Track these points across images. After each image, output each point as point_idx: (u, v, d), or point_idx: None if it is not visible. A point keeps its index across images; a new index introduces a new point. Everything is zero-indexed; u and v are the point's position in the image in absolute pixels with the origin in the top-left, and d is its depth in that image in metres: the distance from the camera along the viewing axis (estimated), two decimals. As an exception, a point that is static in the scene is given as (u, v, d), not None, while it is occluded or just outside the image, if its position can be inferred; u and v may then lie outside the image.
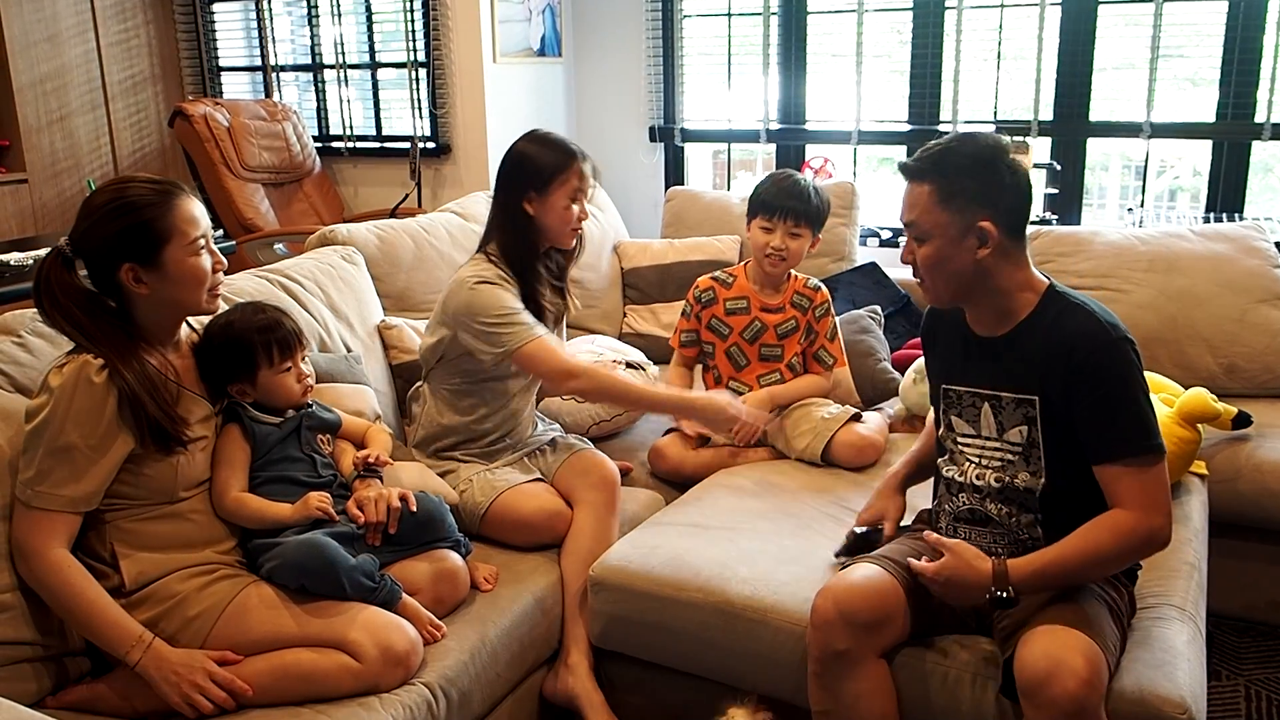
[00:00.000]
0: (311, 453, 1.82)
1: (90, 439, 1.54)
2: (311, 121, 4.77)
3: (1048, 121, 3.80)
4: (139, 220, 1.58)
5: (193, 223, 1.63)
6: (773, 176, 2.46)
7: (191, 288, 1.64)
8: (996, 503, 1.67)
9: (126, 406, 1.56)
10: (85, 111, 4.53)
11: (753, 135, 4.25)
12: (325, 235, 2.55)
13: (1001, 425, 1.65)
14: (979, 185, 1.57)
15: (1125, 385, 1.53)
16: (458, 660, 1.71)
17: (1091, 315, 1.57)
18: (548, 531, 2.04)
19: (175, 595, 1.62)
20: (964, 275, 1.61)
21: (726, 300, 2.47)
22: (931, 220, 1.59)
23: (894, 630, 1.63)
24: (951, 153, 1.60)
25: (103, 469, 1.57)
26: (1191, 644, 1.65)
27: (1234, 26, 3.47)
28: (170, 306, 1.66)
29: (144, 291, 1.60)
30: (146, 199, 1.59)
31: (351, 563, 1.67)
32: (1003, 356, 1.64)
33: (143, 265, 1.59)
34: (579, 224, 2.17)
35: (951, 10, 3.83)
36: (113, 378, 1.55)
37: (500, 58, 4.12)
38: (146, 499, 1.64)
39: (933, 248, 1.61)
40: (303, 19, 4.75)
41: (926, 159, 1.62)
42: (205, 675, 1.54)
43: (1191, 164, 4.24)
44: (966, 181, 1.58)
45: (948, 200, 1.58)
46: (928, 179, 1.60)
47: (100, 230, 1.58)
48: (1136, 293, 2.74)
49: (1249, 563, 2.37)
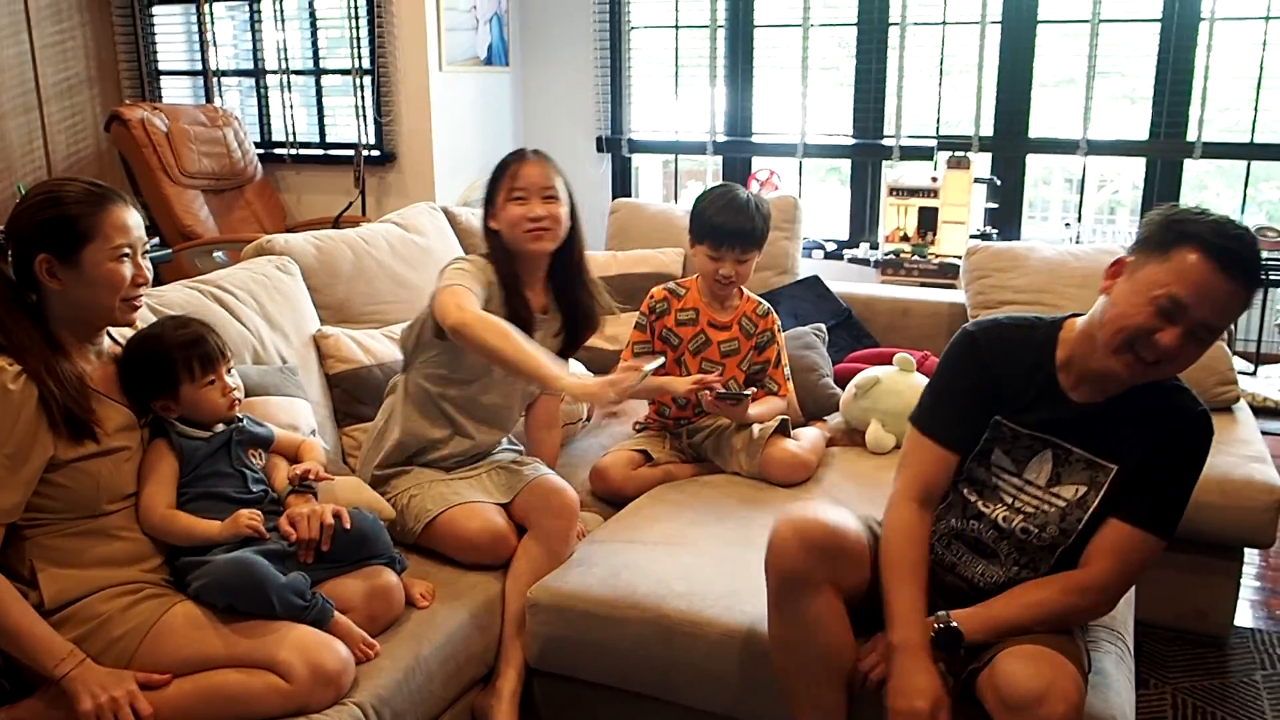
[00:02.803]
0: (242, 468, 1.79)
1: (7, 447, 1.51)
2: (254, 127, 4.70)
3: (988, 137, 3.87)
4: (63, 215, 1.58)
5: (120, 230, 1.61)
6: (713, 198, 2.40)
7: (104, 292, 1.61)
8: (1012, 548, 1.61)
9: (41, 408, 1.53)
10: (18, 114, 4.42)
11: (700, 147, 4.28)
12: (262, 245, 2.51)
13: (1058, 476, 1.58)
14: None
15: (1199, 469, 1.52)
16: (391, 679, 1.68)
17: (1180, 387, 1.54)
18: (489, 553, 2.01)
19: (99, 615, 1.57)
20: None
21: (678, 311, 2.48)
22: (1230, 325, 1.56)
23: (853, 570, 1.59)
24: (1257, 258, 1.45)
25: (23, 478, 1.53)
26: (1120, 665, 1.68)
27: (1166, 47, 3.57)
28: (81, 308, 1.63)
29: (56, 287, 1.59)
30: (77, 197, 1.60)
31: (282, 581, 1.63)
32: (1092, 420, 1.56)
33: (59, 259, 1.58)
34: (533, 224, 2.06)
35: (895, 26, 3.89)
36: (28, 381, 1.53)
37: (447, 66, 4.10)
38: (67, 512, 1.60)
39: (1205, 350, 1.47)
40: (245, 23, 4.69)
41: (1253, 263, 1.43)
42: (126, 696, 1.50)
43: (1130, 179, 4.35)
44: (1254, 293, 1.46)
45: (1245, 306, 1.46)
46: (1248, 288, 1.43)
47: (26, 219, 1.60)
48: (1069, 308, 2.73)
49: (1177, 573, 2.42)
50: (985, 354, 1.63)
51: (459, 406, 2.12)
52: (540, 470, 2.13)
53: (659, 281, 2.60)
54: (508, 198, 2.07)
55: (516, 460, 2.19)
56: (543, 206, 2.07)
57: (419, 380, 2.11)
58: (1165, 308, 1.42)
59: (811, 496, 2.26)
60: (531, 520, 2.02)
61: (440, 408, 2.11)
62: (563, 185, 2.11)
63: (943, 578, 1.67)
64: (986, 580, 1.64)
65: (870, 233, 4.16)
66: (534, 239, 2.07)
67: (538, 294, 2.16)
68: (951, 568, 1.67)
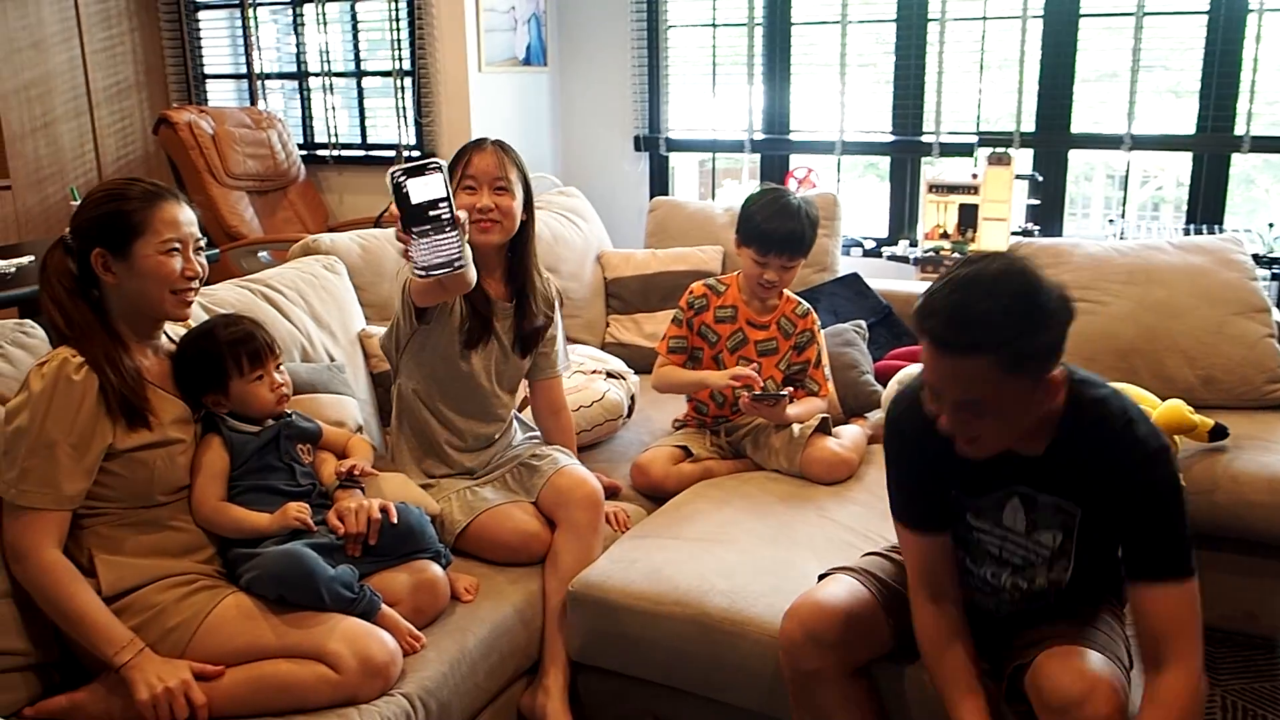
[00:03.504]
0: (291, 462, 1.83)
1: (71, 436, 1.56)
2: (296, 129, 4.77)
3: (1030, 133, 3.83)
4: (118, 209, 1.64)
5: (170, 224, 1.66)
6: (764, 203, 2.37)
7: (153, 284, 1.66)
8: (1013, 582, 1.56)
9: (101, 397, 1.59)
10: (70, 119, 4.52)
11: (737, 145, 4.27)
12: (308, 245, 2.55)
13: (1034, 524, 1.52)
14: (1045, 342, 1.34)
15: (1175, 503, 1.42)
16: (437, 671, 1.71)
17: (1128, 421, 1.42)
18: (525, 553, 2.03)
19: (154, 606, 1.62)
20: (1023, 424, 1.42)
21: (717, 307, 2.48)
22: (998, 392, 1.34)
23: (868, 643, 1.61)
24: (992, 311, 1.31)
25: (85, 466, 1.59)
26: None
27: (1214, 39, 3.51)
28: (134, 300, 1.68)
29: (110, 280, 1.65)
30: (132, 193, 1.66)
31: (330, 573, 1.67)
32: (1042, 468, 1.48)
33: (113, 253, 1.64)
34: (479, 215, 2.01)
35: (935, 22, 3.86)
36: (89, 371, 1.59)
37: (486, 67, 4.13)
38: (123, 501, 1.65)
39: (998, 422, 1.39)
40: (288, 27, 4.75)
41: (969, 328, 1.32)
42: (181, 686, 1.54)
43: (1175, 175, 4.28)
44: (1030, 344, 1.33)
45: (1015, 367, 1.33)
46: (983, 351, 1.32)
47: (85, 214, 1.67)
48: (1115, 304, 2.76)
49: (1226, 574, 2.39)
50: (910, 438, 1.56)
51: (446, 400, 2.12)
52: (560, 462, 2.13)
53: (698, 279, 2.60)
54: (459, 186, 2.04)
55: (536, 453, 2.19)
56: (491, 198, 2.03)
57: (408, 384, 2.13)
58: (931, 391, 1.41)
59: (853, 495, 2.25)
60: (559, 516, 2.04)
61: (433, 409, 2.12)
62: (519, 178, 2.07)
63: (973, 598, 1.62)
64: (995, 606, 1.59)
65: (909, 230, 4.14)
66: (480, 230, 2.03)
67: (496, 283, 2.14)
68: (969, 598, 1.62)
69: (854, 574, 1.66)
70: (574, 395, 2.55)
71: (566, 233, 3.35)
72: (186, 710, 1.54)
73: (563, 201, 3.55)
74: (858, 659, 1.60)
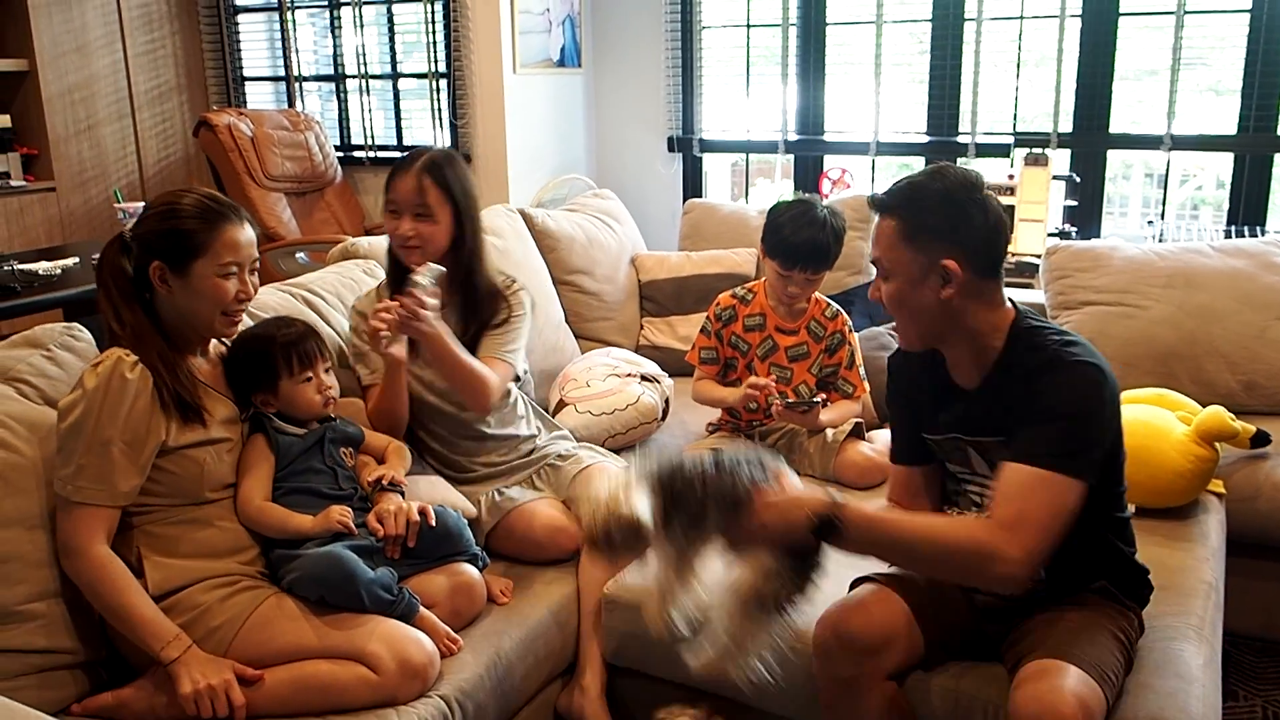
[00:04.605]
0: (334, 465, 1.85)
1: (126, 434, 1.60)
2: (333, 131, 4.82)
3: (1067, 133, 3.79)
4: (181, 228, 1.68)
5: (231, 248, 1.70)
6: (791, 215, 2.36)
7: (207, 304, 1.70)
8: None
9: (155, 394, 1.63)
10: (112, 121, 4.60)
11: (771, 146, 4.26)
12: (347, 249, 2.58)
13: (993, 463, 1.57)
14: (946, 223, 1.51)
15: (1072, 400, 1.45)
16: (474, 673, 1.73)
17: (1065, 343, 1.50)
18: (554, 548, 2.05)
19: (198, 606, 1.65)
20: (929, 315, 1.55)
21: (745, 316, 2.48)
22: (895, 257, 1.54)
23: (900, 650, 1.60)
24: (921, 187, 1.54)
25: (139, 464, 1.62)
26: (1208, 667, 1.64)
27: (1256, 37, 3.45)
28: (185, 315, 1.72)
29: (165, 293, 1.69)
30: (193, 213, 1.69)
31: (371, 576, 1.69)
32: (984, 404, 1.57)
33: (171, 269, 1.68)
34: (399, 241, 2.01)
35: (971, 21, 3.84)
36: (144, 370, 1.62)
37: (520, 68, 4.16)
38: (173, 498, 1.68)
39: (895, 286, 1.55)
40: (325, 29, 4.80)
41: (895, 192, 1.56)
42: (223, 685, 1.57)
43: (1215, 174, 4.22)
44: (932, 218, 1.52)
45: (912, 237, 1.52)
46: (894, 214, 1.55)
47: (148, 225, 1.70)
48: (1155, 309, 2.73)
49: (1267, 582, 2.36)
50: (898, 377, 1.75)
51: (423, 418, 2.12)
52: (585, 461, 2.16)
53: (732, 282, 2.60)
54: (385, 207, 2.03)
55: (562, 453, 2.21)
56: (410, 224, 1.99)
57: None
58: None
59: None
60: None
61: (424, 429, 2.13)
62: (444, 200, 2.00)
63: (974, 597, 1.67)
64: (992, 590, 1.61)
65: (944, 231, 4.12)
66: (405, 254, 2.02)
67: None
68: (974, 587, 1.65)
69: (885, 580, 1.67)
70: (609, 399, 2.56)
71: (601, 236, 3.37)
72: (227, 708, 1.57)
73: (597, 204, 3.56)
74: (891, 665, 1.60)
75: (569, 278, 3.21)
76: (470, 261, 2.07)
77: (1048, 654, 1.45)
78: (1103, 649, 1.49)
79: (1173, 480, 2.10)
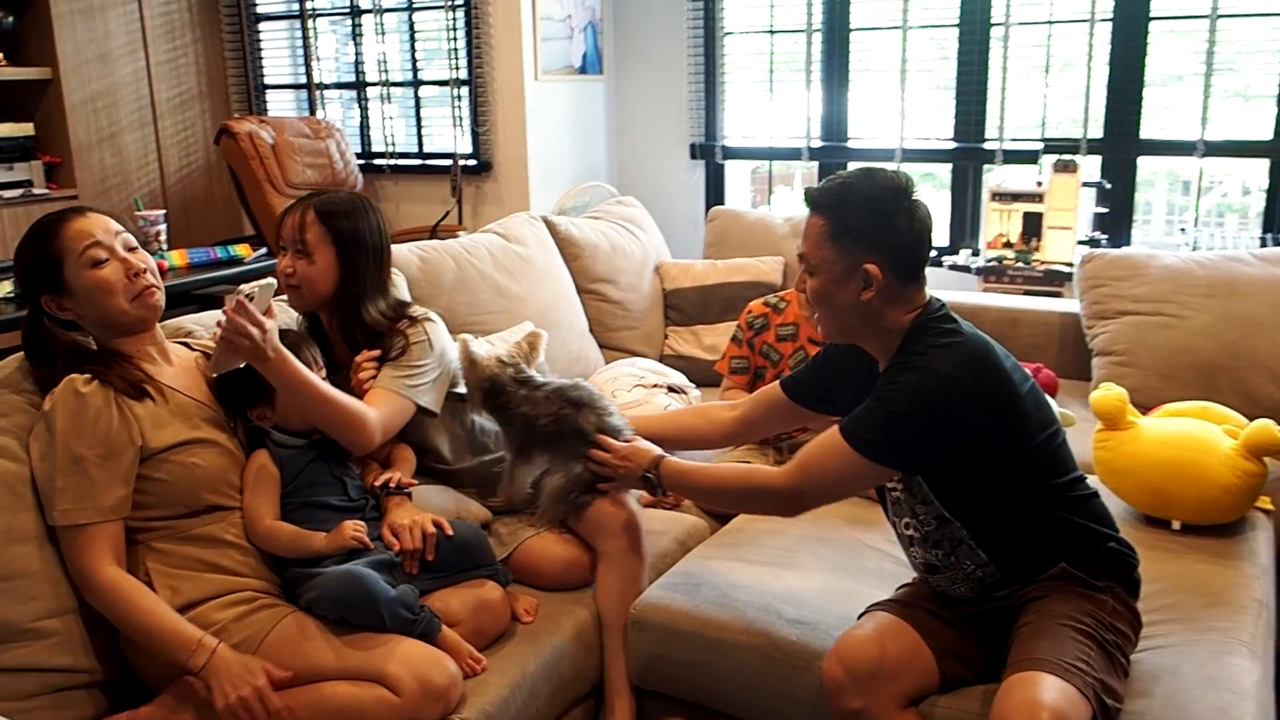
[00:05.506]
0: (342, 475, 1.82)
1: (96, 447, 1.56)
2: (354, 138, 4.80)
3: (1097, 139, 3.72)
4: (35, 249, 1.62)
5: (81, 236, 1.62)
6: None
7: (103, 297, 1.63)
8: (929, 548, 1.64)
9: (114, 398, 1.59)
10: (134, 129, 4.60)
11: (794, 153, 4.21)
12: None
13: None
14: (870, 227, 1.55)
15: (896, 397, 1.52)
16: (498, 695, 1.68)
17: (924, 349, 1.53)
18: (568, 580, 1.99)
19: (214, 624, 1.61)
20: (847, 314, 1.59)
21: (778, 325, 2.43)
22: (820, 255, 1.58)
23: (913, 678, 1.57)
24: (850, 190, 1.57)
25: (120, 474, 1.58)
26: (1261, 684, 1.59)
27: (1293, 42, 3.38)
28: (100, 320, 1.66)
29: (70, 314, 1.65)
30: (34, 235, 1.63)
31: (391, 595, 1.65)
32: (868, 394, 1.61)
33: (54, 291, 1.63)
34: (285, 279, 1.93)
35: (998, 26, 3.78)
36: (99, 384, 1.59)
37: (542, 75, 4.12)
38: (171, 509, 1.64)
39: (819, 282, 1.60)
40: (347, 37, 4.79)
41: (827, 191, 1.59)
42: (257, 692, 1.53)
43: (1241, 181, 4.14)
44: (858, 222, 1.55)
45: (838, 238, 1.56)
46: (823, 213, 1.58)
47: (15, 270, 1.66)
48: (1195, 319, 2.66)
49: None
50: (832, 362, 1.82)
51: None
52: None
53: (758, 290, 2.56)
54: (277, 244, 1.96)
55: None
56: (289, 260, 1.91)
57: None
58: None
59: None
60: (597, 546, 1.99)
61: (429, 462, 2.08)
62: (326, 239, 1.90)
63: (958, 608, 1.67)
64: (955, 589, 1.65)
65: (971, 239, 4.05)
66: (287, 293, 1.94)
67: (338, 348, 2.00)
68: (939, 591, 1.69)
69: (891, 607, 1.65)
70: (636, 410, 2.51)
71: (625, 243, 3.32)
72: (264, 717, 1.53)
73: (620, 211, 3.52)
74: (903, 693, 1.57)
75: (593, 286, 3.17)
76: (351, 313, 1.95)
77: (1017, 665, 1.44)
78: (1065, 641, 1.45)
79: (1219, 496, 2.03)
